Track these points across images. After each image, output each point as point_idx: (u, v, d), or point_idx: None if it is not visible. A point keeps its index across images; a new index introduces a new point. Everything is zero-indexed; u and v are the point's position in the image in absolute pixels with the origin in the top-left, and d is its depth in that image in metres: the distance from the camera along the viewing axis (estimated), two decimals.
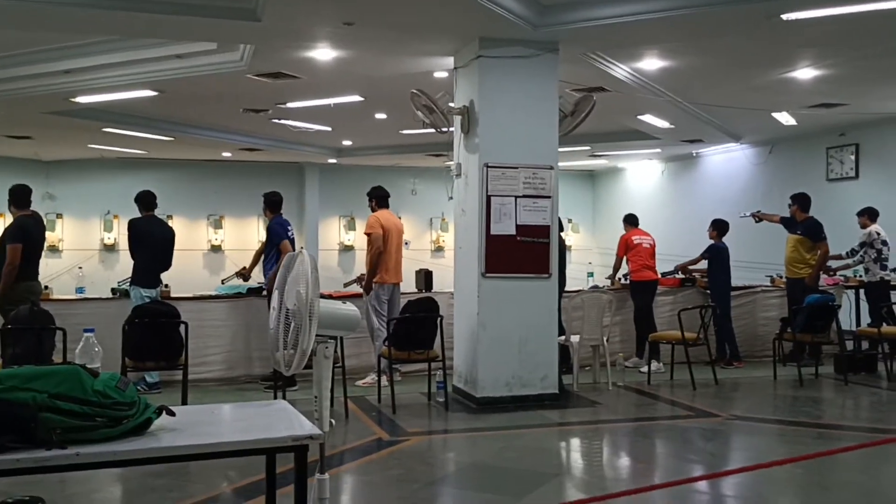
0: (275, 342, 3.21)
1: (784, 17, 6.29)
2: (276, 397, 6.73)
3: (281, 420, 2.71)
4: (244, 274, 8.50)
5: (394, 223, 8.16)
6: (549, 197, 7.17)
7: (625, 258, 9.51)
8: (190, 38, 7.52)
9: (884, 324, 8.79)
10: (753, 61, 8.19)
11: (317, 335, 3.13)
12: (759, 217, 10.23)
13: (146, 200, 7.93)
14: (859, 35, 7.14)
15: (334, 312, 3.24)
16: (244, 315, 8.22)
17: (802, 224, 9.23)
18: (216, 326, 8.15)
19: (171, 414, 2.55)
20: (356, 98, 10.11)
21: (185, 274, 13.32)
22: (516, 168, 7.07)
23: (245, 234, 17.06)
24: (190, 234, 16.92)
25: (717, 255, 9.31)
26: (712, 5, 6.14)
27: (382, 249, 7.88)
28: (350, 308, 3.33)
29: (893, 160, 11.54)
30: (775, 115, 10.98)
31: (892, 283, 9.63)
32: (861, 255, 9.56)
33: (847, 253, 9.85)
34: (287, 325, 3.16)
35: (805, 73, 8.58)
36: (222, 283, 8.94)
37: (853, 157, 12.19)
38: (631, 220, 9.78)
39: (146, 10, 6.18)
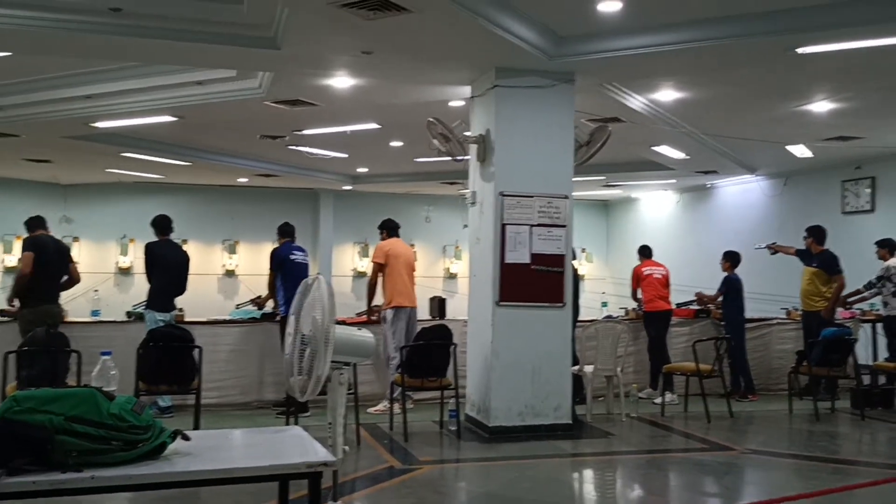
0: (290, 367, 3.22)
1: (799, 50, 6.32)
2: (288, 423, 6.71)
3: (295, 446, 2.71)
4: (259, 303, 8.57)
5: (402, 250, 8.30)
6: (563, 226, 7.17)
7: (638, 289, 9.48)
8: (210, 65, 7.62)
9: None
10: (769, 94, 8.21)
11: (332, 361, 3.14)
12: (774, 249, 10.18)
13: (162, 225, 8.00)
14: (874, 69, 7.15)
15: (350, 339, 3.26)
16: (257, 340, 8.24)
17: (818, 257, 9.19)
18: (229, 351, 8.18)
19: (186, 438, 2.56)
20: (372, 125, 10.19)
21: (199, 298, 13.36)
22: (531, 197, 7.09)
23: (259, 260, 17.07)
24: (205, 259, 16.99)
25: (731, 287, 9.28)
26: (728, 38, 6.16)
27: (374, 281, 8.21)
28: (366, 335, 3.34)
29: None
30: (790, 147, 10.96)
31: None
32: (878, 287, 9.48)
33: (865, 286, 9.77)
34: (302, 351, 3.17)
35: (821, 106, 8.59)
36: (236, 308, 8.96)
37: (869, 191, 12.13)
38: (644, 252, 9.78)
39: (168, 37, 6.27)
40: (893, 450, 7.11)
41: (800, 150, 11.17)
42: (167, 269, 7.82)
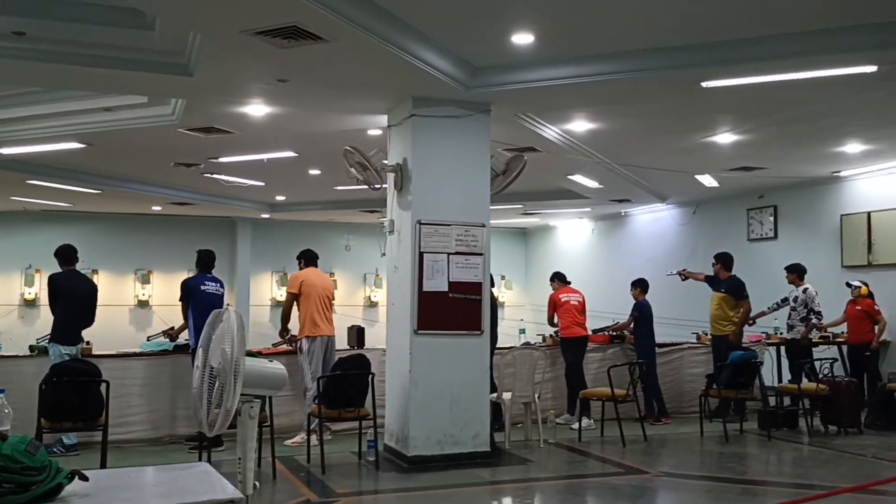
0: (198, 401, 3.14)
1: (704, 84, 6.58)
2: (201, 458, 6.52)
3: (202, 483, 2.63)
4: (172, 335, 8.35)
5: (318, 280, 8.28)
6: (481, 254, 7.24)
7: (555, 316, 9.61)
8: (121, 91, 7.45)
9: (804, 380, 9.05)
10: (677, 126, 8.51)
11: (242, 394, 3.08)
12: (685, 275, 10.51)
13: (66, 254, 7.73)
14: (773, 103, 7.50)
15: (260, 371, 3.19)
16: (169, 373, 8.00)
17: (726, 282, 9.52)
18: (140, 385, 7.91)
19: (84, 479, 2.46)
20: (290, 154, 10.11)
21: (110, 330, 12.93)
22: (449, 225, 7.13)
23: (174, 290, 16.61)
24: (116, 290, 16.48)
25: (642, 313, 9.50)
26: (636, 72, 6.37)
27: (287, 311, 8.27)
28: (277, 367, 3.28)
29: (808, 221, 12.05)
30: (698, 177, 11.37)
31: (812, 340, 9.97)
32: (779, 306, 9.92)
33: (769, 308, 10.19)
34: (211, 384, 3.09)
35: (725, 137, 8.95)
36: (148, 340, 8.70)
37: (772, 219, 12.68)
38: (560, 278, 9.90)
39: (76, 62, 6.11)
40: (798, 469, 7.36)
41: (707, 180, 11.60)
42: (73, 300, 7.54)
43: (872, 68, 6.08)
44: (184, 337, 8.27)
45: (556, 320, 9.58)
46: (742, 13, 5.53)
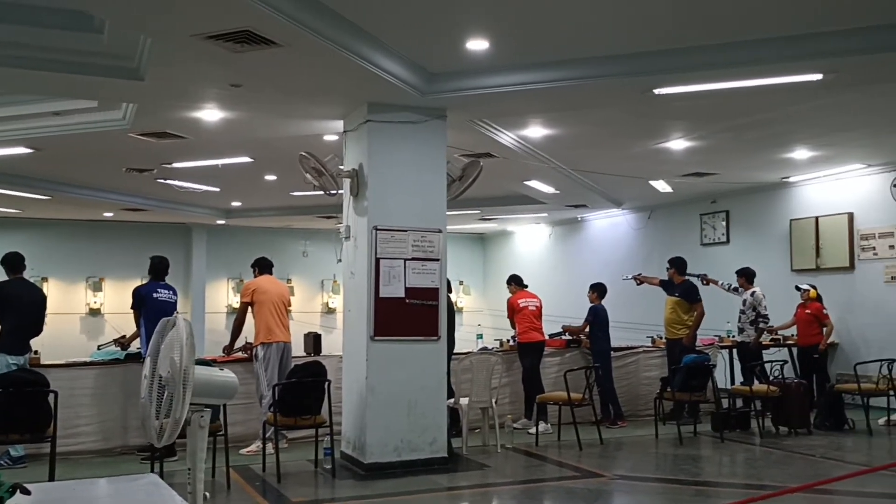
0: (146, 411, 3.08)
1: (656, 91, 6.67)
2: (153, 469, 6.41)
3: (149, 496, 2.59)
4: (123, 343, 8.20)
5: (271, 287, 8.23)
6: (437, 260, 7.23)
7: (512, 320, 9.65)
8: (70, 95, 7.30)
9: (755, 382, 9.21)
10: (631, 132, 8.62)
11: (191, 403, 3.03)
12: (640, 280, 10.63)
13: (13, 262, 7.56)
14: (723, 110, 7.65)
15: (210, 380, 3.15)
16: (121, 382, 7.84)
17: (679, 286, 9.65)
18: (90, 395, 7.75)
19: (26, 492, 2.39)
20: (245, 159, 10.01)
21: (60, 339, 12.68)
22: (405, 231, 7.12)
23: (127, 298, 16.37)
24: (67, 298, 16.15)
25: (597, 317, 9.58)
26: (590, 79, 6.44)
27: (240, 319, 8.18)
28: (227, 375, 3.24)
29: (759, 226, 12.29)
30: (653, 182, 11.53)
31: (762, 342, 10.16)
32: (732, 291, 10.10)
33: (724, 284, 10.40)
34: (160, 394, 3.04)
35: (678, 143, 9.09)
36: (98, 349, 8.53)
37: (724, 223, 12.91)
38: (517, 281, 9.89)
39: (24, 66, 5.96)
40: (750, 470, 7.48)
41: (661, 186, 11.77)
42: (20, 309, 7.36)
43: (818, 76, 6.23)
44: (136, 345, 8.13)
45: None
46: (693, 22, 5.63)
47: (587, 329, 9.66)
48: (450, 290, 7.87)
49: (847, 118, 8.09)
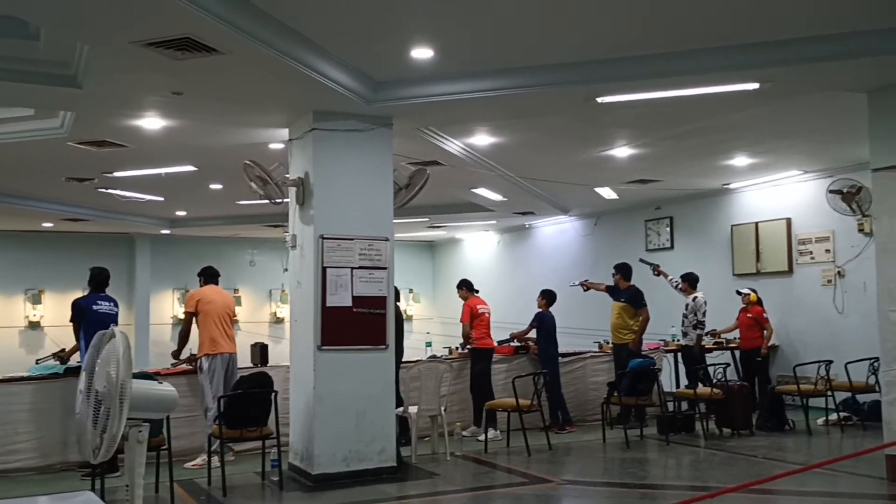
0: (82, 427, 3.01)
1: (600, 99, 6.76)
2: (93, 486, 6.25)
3: None
4: (62, 357, 7.99)
5: (216, 297, 8.14)
6: (385, 268, 7.21)
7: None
8: (5, 103, 7.12)
9: (699, 385, 9.37)
10: (576, 139, 8.73)
11: (129, 418, 2.96)
12: (586, 286, 10.75)
13: None
14: (666, 118, 7.80)
15: (148, 393, 3.09)
16: (60, 397, 7.60)
17: (625, 292, 9.79)
18: (27, 410, 7.51)
19: None
20: (189, 168, 9.87)
21: None
22: (352, 239, 7.09)
23: (68, 310, 16.01)
24: (4, 311, 15.70)
25: (543, 323, 9.64)
26: (534, 87, 6.49)
27: (185, 330, 8.09)
28: (166, 388, 3.18)
29: (701, 232, 12.54)
30: (598, 189, 11.69)
31: (705, 346, 10.35)
32: (683, 317, 10.25)
33: (674, 281, 10.56)
34: (97, 409, 2.97)
35: (622, 151, 9.23)
36: (37, 363, 8.30)
37: (668, 229, 13.15)
38: (468, 286, 9.81)
39: None
40: (695, 472, 7.60)
41: (607, 192, 11.93)
42: None
43: (755, 85, 6.39)
44: (76, 359, 7.93)
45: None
46: (636, 31, 5.72)
47: (532, 334, 9.71)
48: (398, 299, 7.86)
49: (784, 126, 8.31)
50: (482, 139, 8.54)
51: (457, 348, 10.02)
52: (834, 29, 5.65)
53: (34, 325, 16.01)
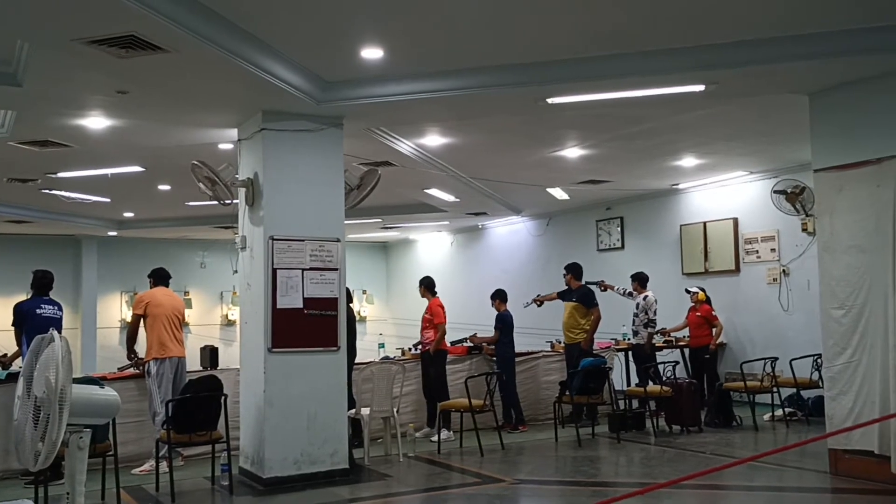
0: (20, 434, 2.93)
1: (549, 100, 6.81)
2: (37, 494, 6.09)
3: None
4: (5, 362, 7.79)
5: (166, 299, 8.00)
6: (336, 269, 7.17)
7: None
8: None
9: (649, 383, 9.50)
10: (526, 140, 8.78)
11: (69, 424, 2.89)
12: (539, 301, 10.76)
13: None
14: (614, 119, 7.89)
15: (90, 399, 3.03)
16: (2, 404, 7.41)
17: (576, 292, 9.87)
18: None
19: None
20: (136, 168, 9.69)
21: None
22: (303, 241, 7.03)
23: (9, 314, 15.58)
24: None
25: (505, 324, 9.68)
26: (484, 88, 6.52)
27: (132, 332, 7.98)
28: (108, 393, 3.12)
29: (651, 232, 12.72)
30: (550, 190, 11.77)
31: (656, 345, 10.50)
32: (634, 316, 10.37)
33: (620, 290, 10.70)
34: (36, 415, 2.90)
35: (572, 151, 9.31)
36: None
37: (619, 229, 13.30)
38: (432, 286, 9.74)
39: None
40: (645, 469, 7.69)
41: (558, 193, 12.03)
42: None
43: (700, 87, 6.50)
44: (18, 365, 7.72)
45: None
46: (583, 34, 5.78)
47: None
48: (350, 300, 7.82)
49: (729, 128, 8.47)
50: (433, 139, 8.54)
51: (409, 349, 10.02)
52: (777, 32, 5.78)
53: None
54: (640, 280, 10.53)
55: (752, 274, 11.15)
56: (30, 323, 7.33)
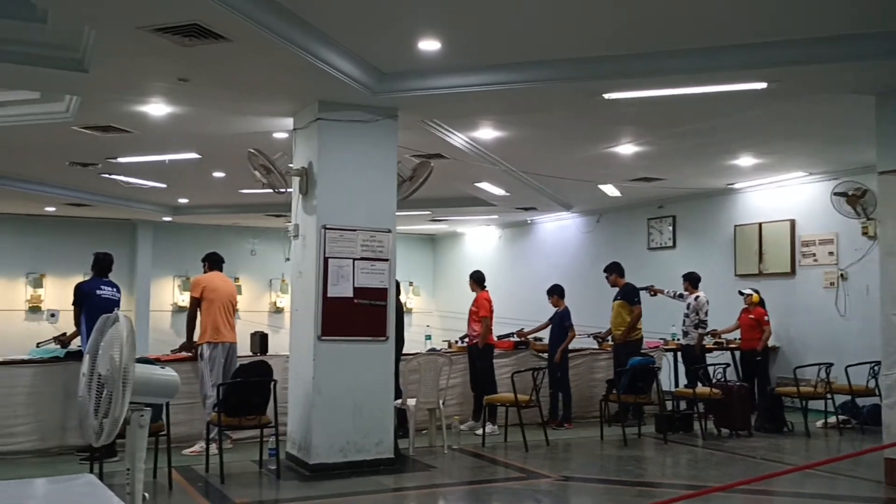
0: (84, 410, 3.01)
1: (606, 96, 6.75)
2: (92, 470, 6.26)
3: (85, 497, 2.51)
4: (63, 341, 8.00)
5: (221, 284, 8.12)
6: (386, 260, 7.21)
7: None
8: (11, 86, 7.09)
9: (698, 384, 9.37)
10: (580, 135, 8.71)
11: (131, 402, 2.96)
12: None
13: None
14: (671, 116, 7.77)
15: (151, 378, 3.09)
16: (60, 381, 7.62)
17: (621, 290, 9.77)
18: (26, 393, 7.52)
19: None
20: (193, 155, 9.85)
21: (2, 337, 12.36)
22: (354, 231, 7.08)
23: (69, 294, 15.99)
24: (5, 294, 15.71)
25: (570, 322, 9.62)
26: (540, 82, 6.48)
27: (193, 314, 8.04)
28: (168, 373, 3.18)
29: (704, 232, 12.52)
30: (601, 186, 11.66)
31: (706, 346, 10.35)
32: (685, 316, 10.23)
33: (670, 292, 10.59)
34: (99, 392, 2.97)
35: (626, 148, 9.21)
36: (37, 346, 8.30)
37: (671, 228, 13.12)
38: (482, 280, 9.80)
39: None
40: (692, 471, 7.60)
41: (610, 190, 11.91)
42: None
43: (762, 85, 6.37)
44: (76, 343, 7.94)
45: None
46: (643, 28, 5.71)
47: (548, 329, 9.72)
48: (399, 292, 7.85)
49: (790, 127, 8.29)
50: (486, 133, 8.53)
51: (456, 342, 10.03)
52: (844, 30, 5.63)
53: (35, 309, 16.01)
54: (692, 280, 10.38)
55: (809, 277, 10.91)
56: (89, 303, 7.50)
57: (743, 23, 5.56)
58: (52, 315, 15.35)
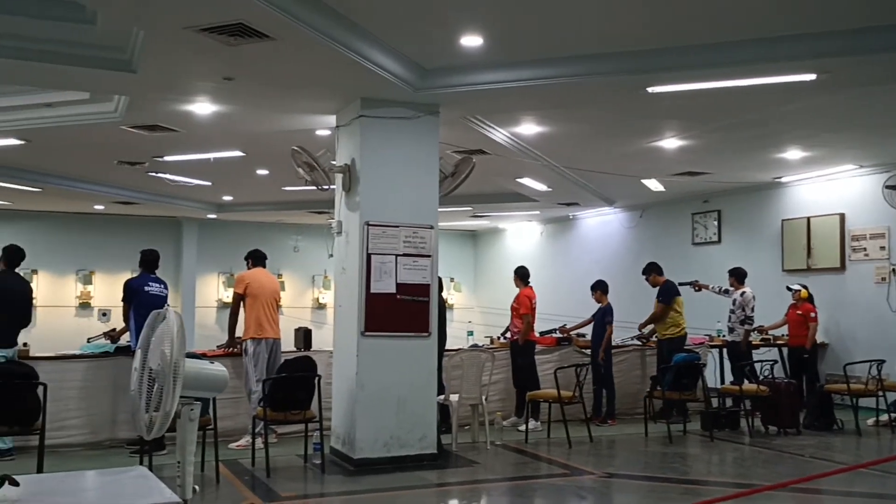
0: (136, 404, 3.07)
1: (650, 90, 6.67)
2: (142, 463, 6.39)
3: (138, 488, 2.57)
4: (113, 336, 8.17)
5: (265, 280, 8.21)
6: (429, 256, 7.23)
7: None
8: (62, 87, 7.25)
9: (745, 381, 9.22)
10: (623, 130, 8.62)
11: (181, 396, 3.02)
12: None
13: (13, 256, 7.51)
14: (717, 109, 7.65)
15: (200, 373, 3.14)
16: (110, 375, 7.80)
17: (661, 288, 9.66)
18: (79, 388, 7.70)
19: (15, 484, 2.38)
20: (237, 153, 9.98)
21: (51, 332, 12.64)
22: (397, 227, 7.11)
23: (117, 291, 16.32)
24: (56, 290, 16.09)
25: (613, 317, 9.56)
26: (584, 76, 6.43)
27: (236, 310, 8.14)
28: (217, 368, 3.23)
29: (750, 226, 12.32)
30: (645, 181, 11.54)
31: (752, 342, 10.18)
32: (731, 312, 10.08)
33: (716, 288, 10.44)
34: (150, 386, 3.03)
35: (671, 142, 9.09)
36: (88, 342, 8.49)
37: (716, 223, 12.93)
38: (526, 276, 9.80)
39: (16, 56, 5.91)
40: (739, 469, 7.50)
41: (653, 184, 11.78)
42: (12, 302, 7.33)
43: (811, 76, 6.25)
44: (125, 339, 8.10)
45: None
46: (687, 21, 5.63)
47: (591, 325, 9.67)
48: (441, 288, 7.86)
49: (839, 119, 8.12)
50: (528, 128, 8.49)
51: (498, 338, 10.02)
52: (894, 20, 5.49)
53: (85, 305, 16.38)
54: (738, 275, 10.22)
55: (859, 272, 10.67)
56: (137, 300, 7.65)
57: (790, 13, 5.45)
58: (104, 314, 15.71)
